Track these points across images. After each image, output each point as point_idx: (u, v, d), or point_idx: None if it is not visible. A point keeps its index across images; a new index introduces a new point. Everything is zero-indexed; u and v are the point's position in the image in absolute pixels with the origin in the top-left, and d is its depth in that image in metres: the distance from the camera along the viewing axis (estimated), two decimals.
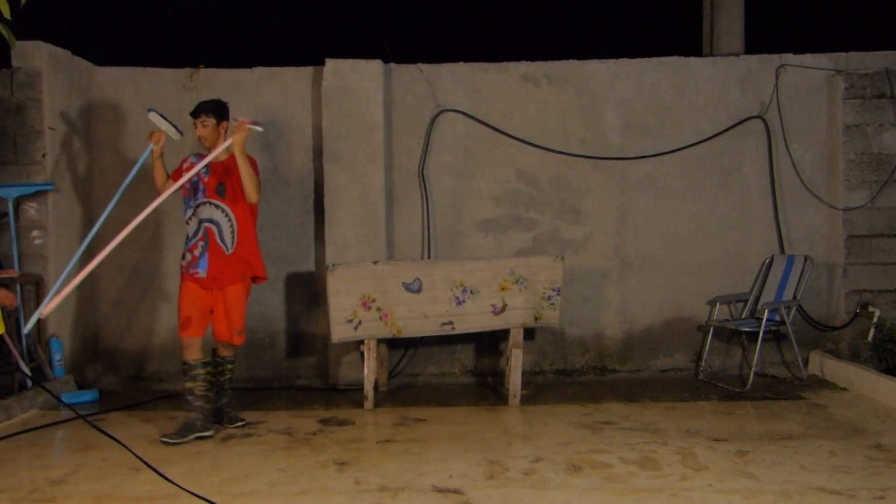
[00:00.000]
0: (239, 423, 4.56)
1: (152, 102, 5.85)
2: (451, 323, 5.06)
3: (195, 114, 4.38)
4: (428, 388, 5.63)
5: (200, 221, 4.36)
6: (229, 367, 4.64)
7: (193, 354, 4.34)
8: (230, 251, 4.36)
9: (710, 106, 5.93)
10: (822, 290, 5.91)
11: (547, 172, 5.94)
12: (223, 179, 4.38)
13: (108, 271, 5.83)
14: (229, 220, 4.37)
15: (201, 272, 4.34)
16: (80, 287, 5.52)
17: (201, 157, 4.38)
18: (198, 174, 4.35)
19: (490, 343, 5.92)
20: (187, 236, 4.44)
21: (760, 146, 5.92)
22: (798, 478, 3.53)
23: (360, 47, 5.87)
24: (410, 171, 5.90)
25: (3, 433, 4.40)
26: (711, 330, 5.78)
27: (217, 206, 4.36)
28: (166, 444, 4.14)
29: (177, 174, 4.44)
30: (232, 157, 4.35)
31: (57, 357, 5.29)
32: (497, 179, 5.94)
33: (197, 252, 4.35)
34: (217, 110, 4.39)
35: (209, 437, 4.30)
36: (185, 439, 4.20)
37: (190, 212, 4.42)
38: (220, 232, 4.35)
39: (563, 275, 5.29)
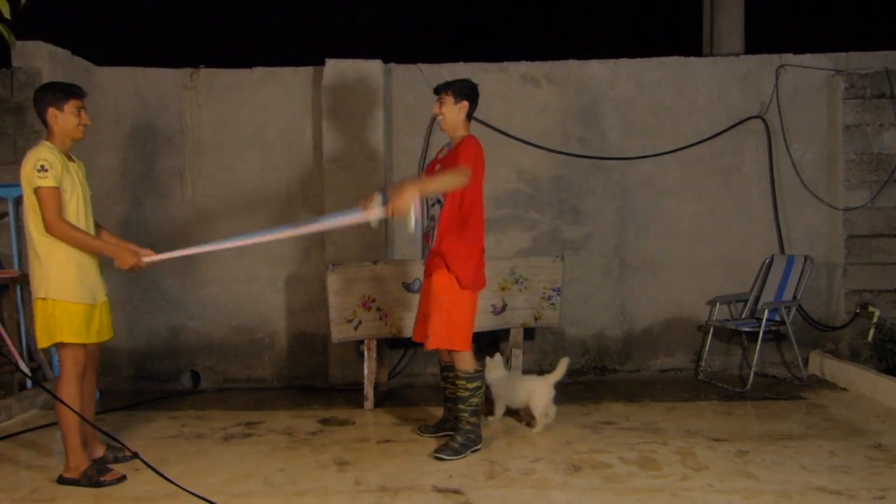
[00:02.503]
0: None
1: (152, 102, 5.89)
2: None
3: (436, 91, 4.11)
4: (428, 388, 5.62)
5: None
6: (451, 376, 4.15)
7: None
8: (431, 247, 4.10)
9: (710, 106, 5.93)
10: (822, 290, 5.91)
11: (547, 172, 5.94)
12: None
13: (109, 270, 5.83)
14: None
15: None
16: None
17: (449, 146, 4.13)
18: (438, 161, 4.12)
19: (490, 343, 5.92)
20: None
21: (760, 146, 5.92)
22: (798, 478, 3.53)
23: (360, 47, 5.87)
24: (410, 171, 5.89)
25: (3, 433, 4.40)
26: (711, 330, 5.78)
27: (439, 202, 4.07)
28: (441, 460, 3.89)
29: (431, 166, 4.20)
30: (453, 154, 3.99)
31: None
32: (497, 179, 5.93)
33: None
34: (458, 89, 4.01)
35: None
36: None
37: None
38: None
39: (563, 275, 5.30)
